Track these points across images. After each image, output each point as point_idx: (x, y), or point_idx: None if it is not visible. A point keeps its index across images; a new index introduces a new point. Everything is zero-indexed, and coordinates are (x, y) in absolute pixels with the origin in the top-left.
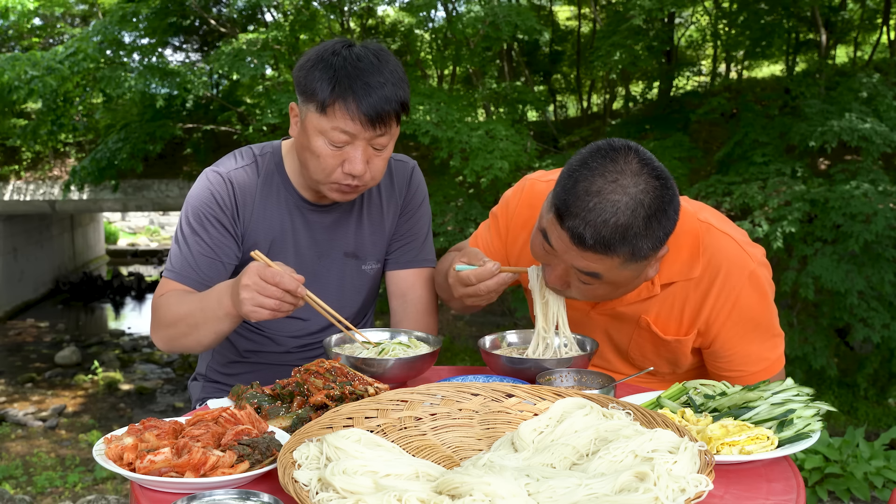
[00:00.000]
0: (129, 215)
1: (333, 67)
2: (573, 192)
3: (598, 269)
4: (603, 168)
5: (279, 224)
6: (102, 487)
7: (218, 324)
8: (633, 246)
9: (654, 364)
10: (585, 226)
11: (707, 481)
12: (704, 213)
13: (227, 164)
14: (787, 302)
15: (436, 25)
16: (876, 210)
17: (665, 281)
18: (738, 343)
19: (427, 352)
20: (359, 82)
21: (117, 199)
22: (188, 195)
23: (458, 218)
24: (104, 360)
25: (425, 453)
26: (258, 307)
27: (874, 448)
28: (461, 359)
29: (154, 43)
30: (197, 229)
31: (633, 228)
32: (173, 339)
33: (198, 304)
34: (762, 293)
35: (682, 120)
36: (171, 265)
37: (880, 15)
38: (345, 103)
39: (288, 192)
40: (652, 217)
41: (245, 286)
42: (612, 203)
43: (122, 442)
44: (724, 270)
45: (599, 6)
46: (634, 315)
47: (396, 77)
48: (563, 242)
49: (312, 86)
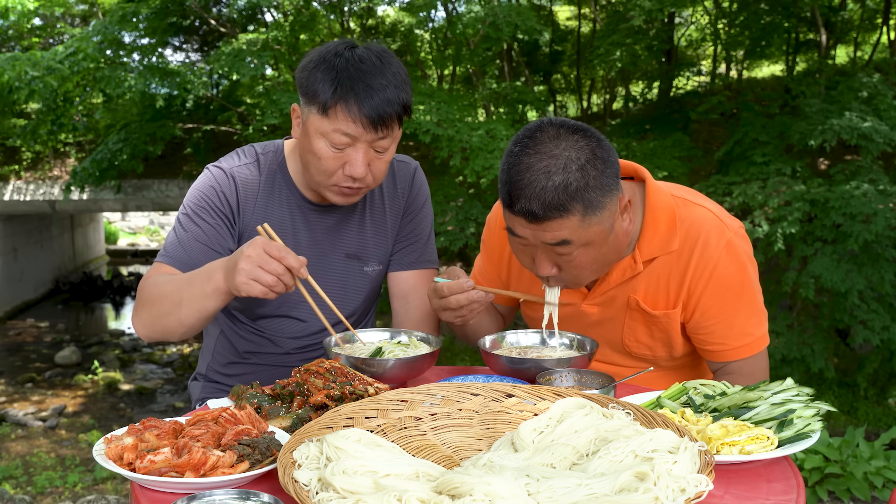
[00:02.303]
0: (129, 215)
1: (335, 69)
2: (509, 180)
3: (564, 236)
4: (525, 148)
5: (280, 223)
6: (102, 487)
7: (204, 300)
8: (582, 198)
9: (650, 347)
10: (530, 200)
11: (707, 481)
12: (679, 191)
13: (230, 161)
14: (786, 303)
15: (436, 25)
16: (876, 210)
17: (647, 257)
18: (717, 313)
19: (427, 352)
20: (361, 84)
21: (117, 199)
22: (190, 189)
23: (458, 218)
24: (104, 360)
25: (425, 453)
26: (253, 280)
27: (874, 448)
28: (461, 359)
29: (154, 43)
30: (194, 218)
31: (571, 183)
32: (154, 319)
33: (185, 280)
34: (740, 263)
35: (682, 120)
36: (165, 250)
37: (880, 15)
38: (346, 105)
39: (290, 192)
40: (586, 165)
41: (247, 256)
42: (543, 170)
43: (122, 442)
44: (701, 240)
45: (599, 6)
46: (623, 297)
47: (399, 79)
48: (523, 227)
49: (314, 87)
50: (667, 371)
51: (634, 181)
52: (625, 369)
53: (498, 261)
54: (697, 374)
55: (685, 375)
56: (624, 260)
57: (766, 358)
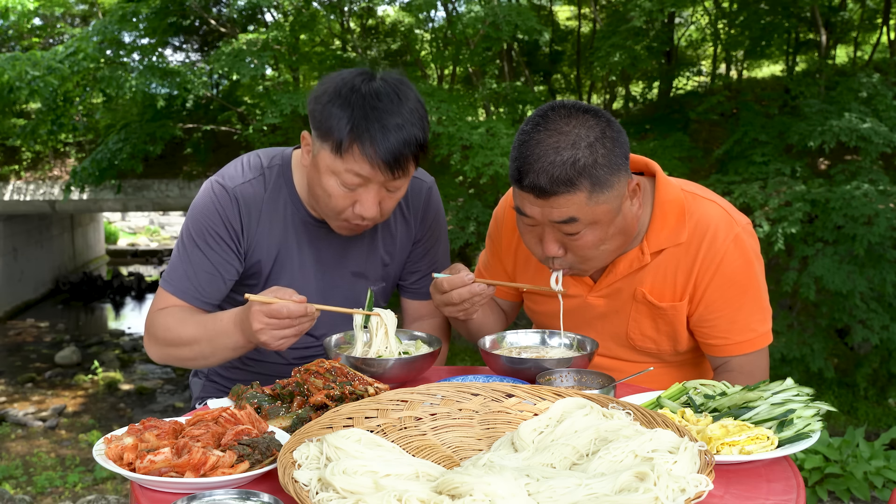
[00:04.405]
0: (129, 215)
1: (351, 106)
2: (519, 156)
3: (571, 213)
4: (537, 127)
5: (284, 240)
6: (102, 487)
7: (232, 353)
8: (590, 175)
9: (655, 341)
10: (538, 175)
11: (707, 481)
12: (689, 185)
13: (234, 177)
14: (786, 302)
15: (436, 25)
16: (877, 211)
17: (654, 249)
18: (722, 307)
19: (427, 352)
20: (376, 124)
21: (117, 199)
22: (192, 204)
23: (458, 217)
24: (104, 360)
25: (425, 453)
26: (282, 339)
27: (874, 448)
28: (461, 359)
29: (154, 43)
30: (199, 244)
31: (580, 159)
32: (175, 358)
33: (203, 334)
34: (747, 258)
35: (682, 120)
36: (170, 278)
37: (880, 15)
38: (361, 147)
39: (295, 208)
40: (595, 143)
41: (259, 331)
42: (552, 146)
43: (122, 442)
44: (710, 233)
45: (599, 6)
46: (630, 289)
47: (416, 116)
48: (531, 204)
49: (328, 124)
50: (670, 368)
51: (644, 176)
52: (628, 364)
53: (504, 255)
54: (700, 371)
55: (688, 372)
56: (631, 251)
57: (767, 357)
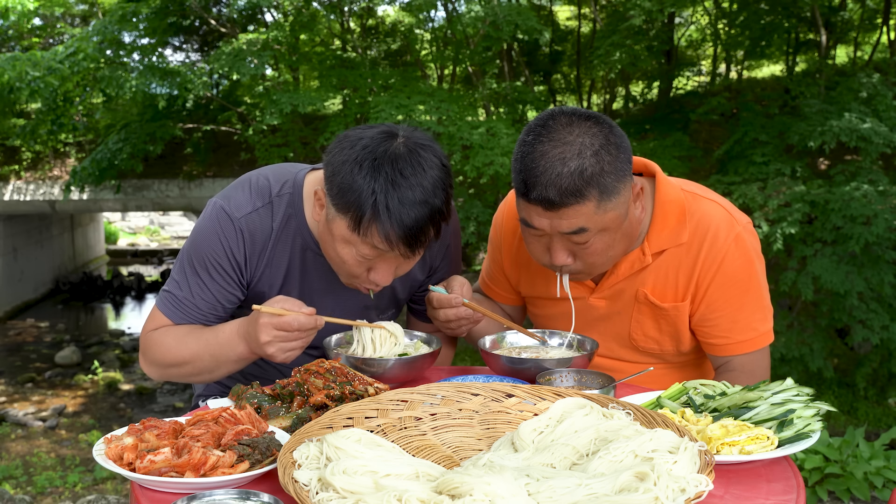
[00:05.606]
0: (129, 215)
1: (372, 180)
2: (524, 168)
3: (581, 223)
4: (539, 137)
5: (291, 272)
6: (102, 487)
7: (236, 365)
8: (598, 184)
9: (658, 341)
10: (546, 187)
11: (707, 481)
12: (689, 185)
13: (240, 205)
14: (786, 302)
15: (436, 25)
16: (876, 212)
17: (656, 249)
18: (723, 306)
19: (427, 352)
20: (398, 203)
21: (117, 199)
22: (196, 226)
23: (458, 217)
24: (104, 360)
25: (425, 453)
26: (290, 352)
27: (874, 448)
28: (461, 359)
29: (154, 43)
30: (200, 273)
31: (587, 168)
32: (176, 376)
33: (204, 348)
34: (748, 257)
35: (682, 120)
36: (167, 302)
37: (880, 15)
38: (380, 227)
39: (304, 238)
40: (600, 150)
41: (267, 343)
42: (558, 156)
43: (122, 442)
44: (711, 233)
45: (599, 6)
46: (631, 290)
47: (440, 187)
48: (539, 217)
49: (346, 198)
50: (671, 368)
51: (644, 176)
52: (630, 365)
53: (505, 261)
54: (702, 372)
55: (690, 373)
56: (633, 252)
57: (768, 356)
